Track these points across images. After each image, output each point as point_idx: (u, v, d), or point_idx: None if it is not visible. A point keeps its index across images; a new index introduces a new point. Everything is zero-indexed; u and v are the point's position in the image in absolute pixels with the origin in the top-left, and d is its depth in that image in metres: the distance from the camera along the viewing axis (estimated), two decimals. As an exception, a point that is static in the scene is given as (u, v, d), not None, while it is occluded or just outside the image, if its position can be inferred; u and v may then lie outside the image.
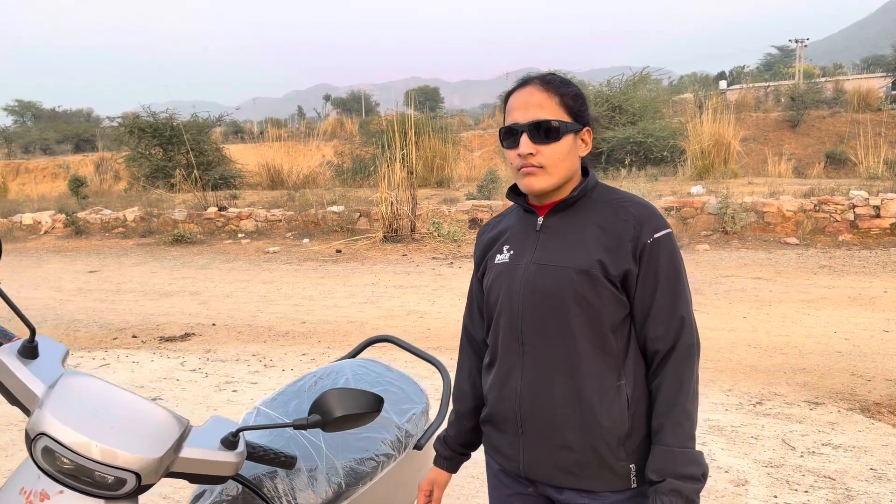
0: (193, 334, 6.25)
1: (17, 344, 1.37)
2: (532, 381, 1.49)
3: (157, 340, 6.12)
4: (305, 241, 11.01)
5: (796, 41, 54.42)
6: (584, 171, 1.56)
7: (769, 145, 26.72)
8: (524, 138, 1.46)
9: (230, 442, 1.39)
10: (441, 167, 17.36)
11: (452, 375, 1.86)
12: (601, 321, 1.44)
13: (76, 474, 1.22)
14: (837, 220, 9.86)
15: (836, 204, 9.90)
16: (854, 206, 9.83)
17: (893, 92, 32.22)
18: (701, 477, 1.38)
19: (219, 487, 1.70)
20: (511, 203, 1.63)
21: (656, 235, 1.45)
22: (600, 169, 16.99)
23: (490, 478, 1.68)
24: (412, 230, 10.68)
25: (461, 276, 8.40)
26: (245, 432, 1.43)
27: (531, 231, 1.55)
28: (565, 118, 1.47)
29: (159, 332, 6.38)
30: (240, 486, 1.69)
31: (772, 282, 7.44)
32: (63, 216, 12.91)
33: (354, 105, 64.81)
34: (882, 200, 9.74)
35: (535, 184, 1.48)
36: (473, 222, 11.12)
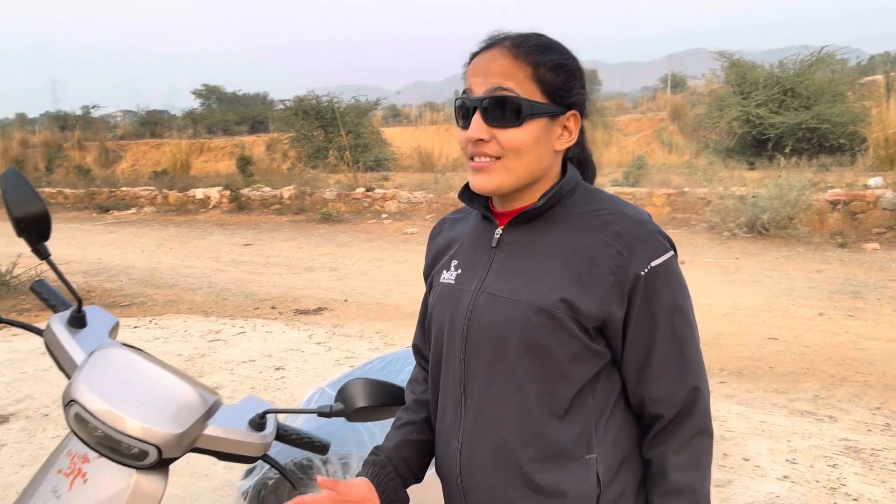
0: (326, 309, 6.54)
1: (67, 313, 1.45)
2: (474, 445, 1.14)
3: (292, 312, 6.46)
4: (445, 223, 11.18)
5: None
6: (565, 170, 1.18)
7: (975, 134, 23.48)
8: (476, 117, 1.08)
9: (257, 423, 1.41)
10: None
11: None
12: (562, 377, 1.08)
13: (105, 442, 1.28)
14: None
15: None
16: None
17: None
18: None
19: (265, 466, 1.75)
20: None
21: (653, 264, 1.07)
22: (766, 157, 15.78)
23: None
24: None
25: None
26: (278, 415, 1.45)
27: (485, 246, 1.18)
28: (537, 96, 1.08)
29: (296, 304, 6.74)
30: (284, 465, 1.72)
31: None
32: (228, 192, 13.98)
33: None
34: None
35: (485, 182, 1.10)
36: (615, 210, 10.72)
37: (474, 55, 1.14)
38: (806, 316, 5.69)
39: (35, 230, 1.37)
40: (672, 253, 1.10)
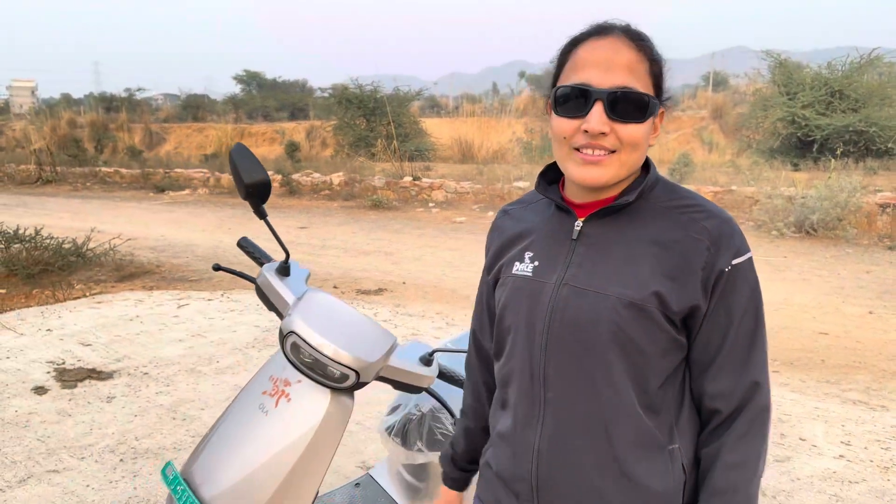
0: (385, 290, 6.84)
1: (275, 264, 1.76)
2: (554, 439, 1.14)
3: (354, 292, 6.78)
4: (490, 213, 11.41)
5: None
6: (644, 165, 1.19)
7: None
8: (598, 109, 1.06)
9: (426, 360, 1.70)
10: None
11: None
12: (650, 369, 1.10)
13: (313, 367, 1.57)
14: None
15: None
16: None
17: None
18: None
19: (412, 403, 2.04)
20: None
21: (736, 261, 1.09)
22: (810, 159, 15.73)
23: None
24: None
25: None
26: (438, 355, 1.73)
27: (565, 238, 1.17)
28: (651, 91, 1.10)
29: (356, 285, 7.06)
30: (426, 407, 2.01)
31: None
32: (280, 176, 14.39)
33: (548, 82, 64.49)
34: None
35: (597, 175, 1.10)
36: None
37: (580, 41, 1.12)
38: (856, 313, 5.85)
39: (258, 194, 1.67)
40: (751, 254, 1.12)
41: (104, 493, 2.95)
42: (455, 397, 1.99)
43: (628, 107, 1.07)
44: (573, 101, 1.08)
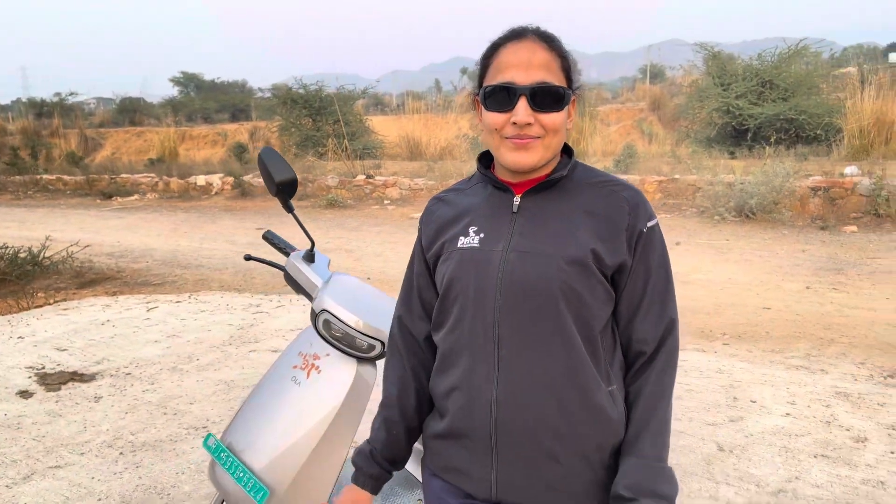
0: (351, 286, 7.01)
1: (301, 252, 1.96)
2: (511, 392, 1.27)
3: (321, 289, 6.93)
4: (446, 208, 11.68)
5: (985, 9, 48.52)
6: (566, 149, 1.38)
7: (942, 125, 24.45)
8: (523, 103, 1.24)
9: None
10: (577, 141, 17.52)
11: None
12: (593, 317, 1.27)
13: (342, 340, 1.78)
14: None
15: None
16: None
17: None
18: (673, 498, 1.23)
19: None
20: (465, 176, 1.43)
21: (650, 224, 1.30)
22: (745, 147, 16.49)
23: (431, 498, 1.43)
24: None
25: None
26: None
27: (505, 212, 1.33)
28: (564, 84, 1.28)
29: (322, 282, 7.20)
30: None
31: (923, 266, 7.22)
32: (231, 179, 14.33)
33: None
34: None
35: (526, 158, 1.27)
36: (609, 196, 11.30)
37: (499, 45, 1.30)
38: (795, 289, 6.31)
39: (287, 191, 1.86)
40: (657, 220, 1.33)
41: (110, 483, 3.08)
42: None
43: (547, 99, 1.25)
44: (500, 98, 1.26)
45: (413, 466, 2.38)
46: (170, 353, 4.89)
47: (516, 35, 1.29)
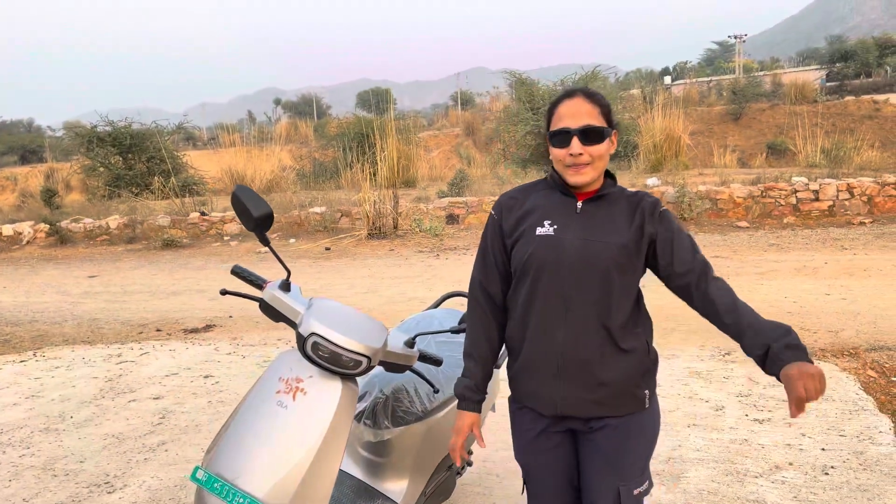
0: (215, 325, 6.81)
1: (278, 282, 2.04)
2: (573, 335, 1.79)
3: (181, 332, 6.65)
4: (292, 240, 11.58)
5: (735, 37, 56.40)
6: (608, 175, 1.94)
7: (714, 138, 28.14)
8: (575, 141, 1.79)
9: (409, 343, 2.10)
10: (406, 168, 18.02)
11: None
12: (630, 286, 1.82)
13: (330, 360, 1.89)
14: (782, 205, 10.90)
15: (781, 190, 10.94)
16: (796, 192, 10.88)
17: (828, 84, 34.09)
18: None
19: (376, 388, 2.40)
20: (525, 182, 2.04)
21: (662, 209, 1.88)
22: (550, 165, 17.90)
23: (517, 422, 1.99)
24: (395, 227, 11.35)
25: (450, 266, 9.11)
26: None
27: (571, 212, 1.86)
28: (604, 124, 1.83)
29: (181, 325, 6.92)
30: (388, 389, 2.39)
31: (729, 259, 8.38)
32: (45, 226, 13.14)
33: (306, 108, 64.85)
34: (820, 185, 10.82)
35: (582, 178, 1.82)
36: (451, 218, 11.84)
37: (557, 102, 1.89)
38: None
39: (265, 226, 1.95)
40: (665, 208, 1.91)
41: (21, 555, 2.85)
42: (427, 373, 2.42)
43: (592, 135, 1.82)
44: (561, 138, 1.83)
45: (352, 462, 2.50)
46: (36, 415, 4.51)
47: (568, 94, 1.86)
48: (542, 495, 1.98)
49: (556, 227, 1.84)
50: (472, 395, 1.97)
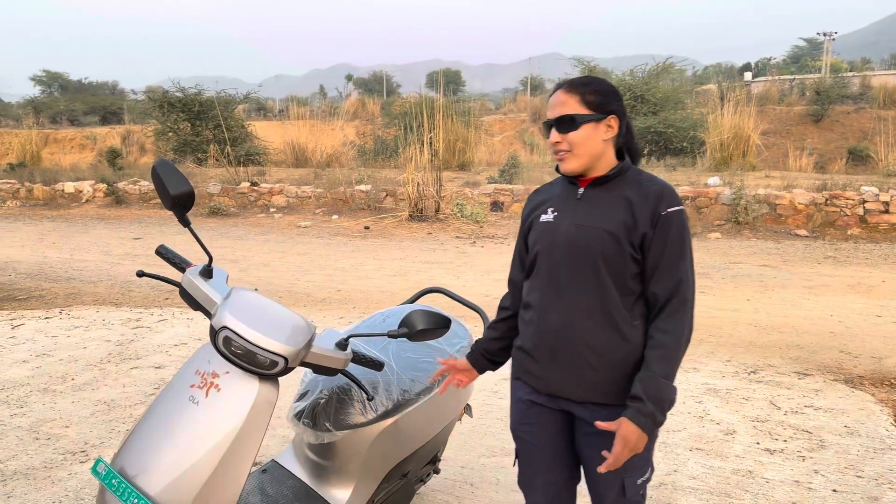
0: (238, 297, 6.80)
1: (198, 267, 1.90)
2: (566, 320, 1.82)
3: (205, 301, 6.67)
4: (335, 217, 11.56)
5: (824, 34, 53.68)
6: (620, 155, 1.90)
7: (791, 139, 26.82)
8: (553, 130, 1.85)
9: (342, 344, 1.93)
10: (463, 151, 17.77)
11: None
12: (622, 273, 1.78)
13: (243, 357, 1.75)
14: (847, 215, 10.23)
15: (847, 199, 10.26)
16: (864, 202, 10.18)
17: (918, 89, 32.02)
18: (670, 406, 1.73)
19: (318, 388, 2.24)
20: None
21: (669, 210, 1.78)
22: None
23: (514, 392, 2.04)
24: (437, 210, 11.19)
25: (484, 255, 8.90)
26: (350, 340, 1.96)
27: (573, 198, 1.88)
28: (583, 111, 1.81)
29: (207, 294, 6.94)
30: (331, 390, 2.23)
31: (777, 269, 7.88)
32: (103, 186, 13.52)
33: (376, 86, 65.14)
34: (892, 196, 10.09)
35: (564, 165, 1.86)
36: (495, 205, 11.60)
37: (550, 95, 1.92)
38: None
39: (183, 204, 1.81)
40: (681, 208, 1.80)
41: (-23, 519, 2.84)
42: (364, 377, 2.25)
43: (564, 125, 1.84)
44: (546, 128, 1.90)
45: (298, 464, 2.36)
46: (40, 374, 4.56)
47: (557, 87, 1.90)
48: (531, 467, 2.01)
49: (556, 213, 1.90)
50: (476, 356, 2.13)
